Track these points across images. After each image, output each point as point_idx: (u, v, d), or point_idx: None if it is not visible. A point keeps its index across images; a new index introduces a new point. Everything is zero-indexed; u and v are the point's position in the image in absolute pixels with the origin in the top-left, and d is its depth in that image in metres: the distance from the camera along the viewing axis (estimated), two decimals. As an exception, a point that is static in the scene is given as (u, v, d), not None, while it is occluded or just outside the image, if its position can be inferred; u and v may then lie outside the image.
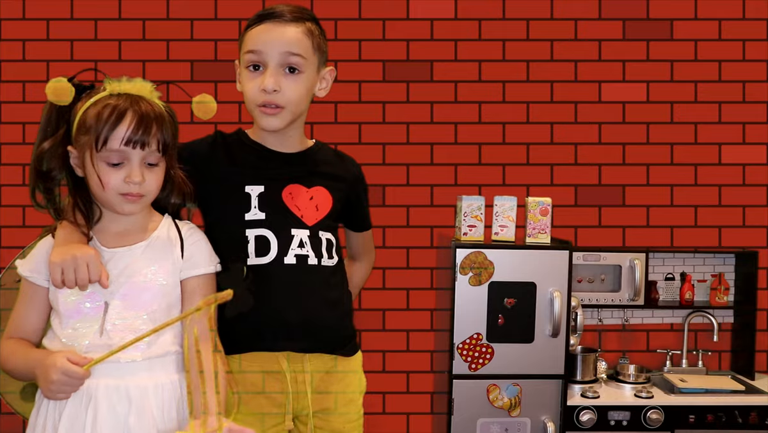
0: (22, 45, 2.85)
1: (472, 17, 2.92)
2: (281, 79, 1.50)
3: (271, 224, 1.53)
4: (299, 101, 1.53)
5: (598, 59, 2.94)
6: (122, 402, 1.35)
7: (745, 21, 2.94)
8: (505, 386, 2.54)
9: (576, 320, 2.68)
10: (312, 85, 1.56)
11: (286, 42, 1.50)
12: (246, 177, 1.56)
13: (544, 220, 2.57)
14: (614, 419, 2.59)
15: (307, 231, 1.55)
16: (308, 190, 1.58)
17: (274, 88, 1.49)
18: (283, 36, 1.50)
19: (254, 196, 1.54)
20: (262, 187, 1.55)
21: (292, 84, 1.51)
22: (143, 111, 1.37)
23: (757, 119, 2.96)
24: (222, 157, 1.60)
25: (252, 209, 1.54)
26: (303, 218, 1.55)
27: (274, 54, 1.50)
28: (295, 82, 1.51)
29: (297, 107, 1.54)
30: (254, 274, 1.50)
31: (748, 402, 2.64)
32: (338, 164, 1.68)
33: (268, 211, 1.54)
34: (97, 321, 1.36)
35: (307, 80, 1.54)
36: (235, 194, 1.54)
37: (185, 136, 3.09)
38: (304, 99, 1.55)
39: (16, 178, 2.86)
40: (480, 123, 2.93)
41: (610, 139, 2.95)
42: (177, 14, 2.87)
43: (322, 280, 1.56)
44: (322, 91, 1.61)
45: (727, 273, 2.96)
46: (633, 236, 2.96)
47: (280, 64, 1.50)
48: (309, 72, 1.53)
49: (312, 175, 1.60)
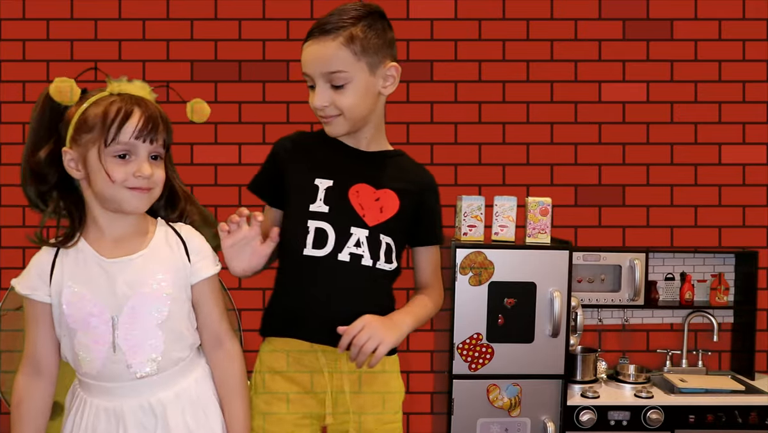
0: (22, 45, 2.85)
1: (472, 17, 2.92)
2: (329, 95, 1.52)
3: (332, 218, 1.54)
4: (354, 108, 1.53)
5: (598, 59, 2.94)
6: (148, 418, 1.37)
7: (745, 21, 2.94)
8: (505, 386, 2.54)
9: (576, 320, 2.68)
10: (368, 88, 1.54)
11: (322, 62, 1.50)
12: (318, 170, 1.58)
13: (544, 220, 2.57)
14: (614, 419, 2.59)
15: (367, 231, 1.55)
16: (375, 192, 1.58)
17: (323, 104, 1.51)
18: (319, 55, 1.50)
19: (322, 189, 1.56)
20: (332, 181, 1.57)
21: (340, 97, 1.52)
22: (150, 109, 1.38)
23: (757, 119, 2.96)
24: (301, 152, 1.63)
25: (317, 201, 1.56)
26: (365, 218, 1.56)
27: (317, 74, 1.51)
28: (344, 95, 1.51)
29: (354, 113, 1.53)
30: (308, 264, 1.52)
31: (748, 402, 2.64)
32: (413, 171, 1.66)
33: (332, 206, 1.55)
34: (107, 337, 1.36)
35: (358, 88, 1.52)
36: (305, 186, 1.57)
37: (186, 137, 3.10)
38: (361, 104, 1.54)
39: (16, 179, 2.84)
40: (480, 123, 2.93)
41: (610, 139, 2.95)
42: (177, 14, 2.87)
43: (373, 281, 1.56)
44: (387, 88, 1.57)
45: (727, 273, 2.96)
46: (633, 236, 2.96)
47: (326, 82, 1.51)
48: (358, 79, 1.52)
49: (384, 177, 1.60)
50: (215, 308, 1.48)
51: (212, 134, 2.89)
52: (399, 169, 1.63)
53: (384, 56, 1.55)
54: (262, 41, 2.88)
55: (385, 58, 1.55)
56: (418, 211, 1.63)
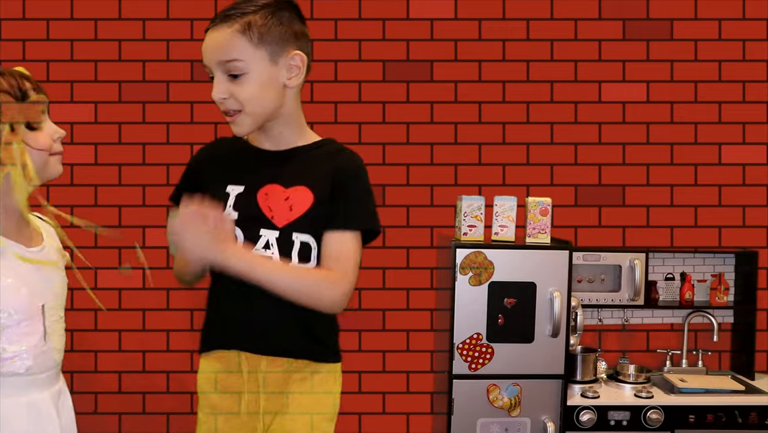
0: (22, 45, 2.85)
1: (472, 17, 2.92)
2: (227, 86, 1.46)
3: (241, 223, 1.51)
4: (253, 100, 1.46)
5: (598, 59, 2.94)
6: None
7: (745, 21, 2.94)
8: (505, 386, 2.54)
9: (576, 320, 2.68)
10: (268, 79, 1.47)
11: (216, 49, 1.46)
12: (230, 177, 1.56)
13: (544, 220, 2.57)
14: (614, 419, 2.59)
15: (277, 232, 1.50)
16: (285, 191, 1.53)
17: (221, 96, 1.46)
18: (212, 43, 1.46)
19: (233, 195, 1.54)
20: (242, 187, 1.54)
21: (238, 89, 1.45)
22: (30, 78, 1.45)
23: (757, 119, 2.96)
24: (216, 160, 1.61)
25: (227, 208, 1.53)
26: (273, 219, 1.51)
27: (213, 64, 1.47)
28: (242, 86, 1.45)
29: (256, 107, 1.47)
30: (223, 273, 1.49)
31: (748, 402, 2.63)
32: (331, 159, 1.56)
33: (241, 211, 1.52)
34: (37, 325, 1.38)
35: (256, 78, 1.46)
36: (218, 194, 1.54)
37: (186, 137, 3.10)
38: (261, 96, 1.47)
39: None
40: (480, 123, 2.93)
41: (610, 139, 2.95)
42: (177, 14, 2.87)
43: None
44: (292, 80, 1.50)
45: (727, 273, 2.96)
46: (633, 236, 2.96)
47: (223, 72, 1.46)
48: (256, 70, 1.45)
49: (295, 174, 1.53)
50: None
51: (212, 134, 2.89)
52: (315, 161, 1.55)
53: (287, 46, 1.48)
54: (262, 41, 2.88)
55: (289, 47, 1.48)
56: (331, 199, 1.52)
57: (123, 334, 2.88)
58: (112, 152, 2.87)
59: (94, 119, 2.87)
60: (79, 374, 2.88)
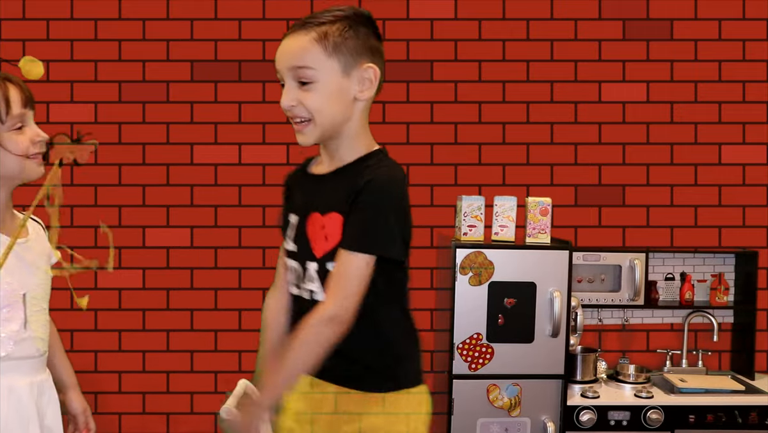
0: (23, 45, 2.85)
1: (472, 17, 2.92)
2: (296, 94, 1.42)
3: (296, 255, 1.49)
4: (322, 110, 1.42)
5: (598, 59, 2.94)
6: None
7: (745, 21, 2.94)
8: (505, 386, 2.54)
9: (576, 320, 2.68)
10: (337, 91, 1.43)
11: (289, 55, 1.43)
12: (292, 206, 1.54)
13: (544, 220, 2.57)
14: (614, 419, 2.59)
15: (316, 264, 1.45)
16: (322, 218, 1.45)
17: (290, 103, 1.42)
18: (286, 49, 1.44)
19: (292, 225, 1.51)
20: (297, 216, 1.50)
21: (306, 96, 1.41)
22: (14, 78, 1.49)
23: (757, 119, 2.96)
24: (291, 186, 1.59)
25: (287, 240, 1.52)
26: (314, 250, 1.45)
27: (284, 70, 1.44)
28: (311, 94, 1.41)
29: (324, 117, 1.42)
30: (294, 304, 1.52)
31: (748, 402, 2.64)
32: (357, 177, 1.42)
33: (297, 242, 1.49)
34: (18, 312, 1.41)
35: (326, 88, 1.42)
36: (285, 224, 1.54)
37: (186, 137, 3.08)
38: (330, 107, 1.42)
39: (16, 178, 2.86)
40: (480, 123, 2.93)
41: (610, 139, 2.95)
42: (177, 14, 2.87)
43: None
44: (363, 93, 1.45)
45: (727, 273, 2.96)
46: (633, 236, 2.96)
47: (293, 79, 1.43)
48: (327, 80, 1.42)
49: (333, 199, 1.44)
50: None
51: (212, 134, 2.89)
52: (347, 181, 1.44)
53: (361, 59, 1.45)
54: (262, 41, 2.88)
55: (363, 60, 1.45)
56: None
57: (123, 334, 2.88)
58: (112, 152, 2.87)
59: (94, 119, 2.87)
60: (79, 374, 2.87)
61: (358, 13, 1.47)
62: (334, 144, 1.48)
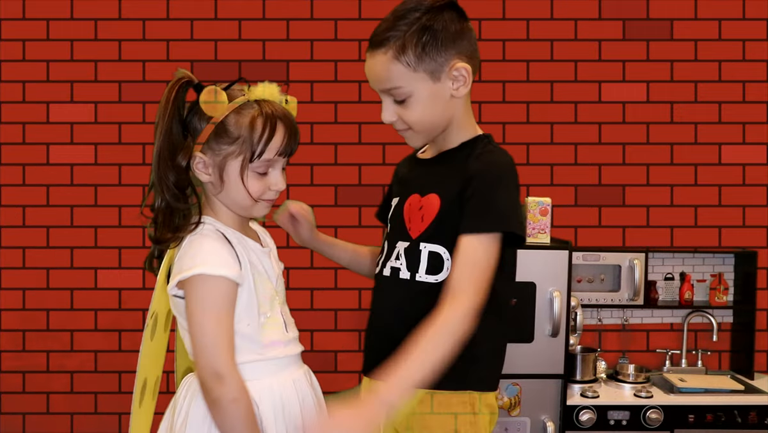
0: (22, 45, 2.85)
1: (472, 17, 2.89)
2: (395, 109, 1.42)
3: (389, 235, 1.50)
4: (422, 121, 1.41)
5: (598, 59, 2.94)
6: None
7: (745, 21, 2.94)
8: (504, 385, 2.54)
9: (576, 319, 2.68)
10: (433, 97, 1.39)
11: (377, 79, 1.40)
12: (395, 190, 1.57)
13: (543, 220, 2.57)
14: (614, 419, 2.59)
15: (408, 243, 1.44)
16: (420, 200, 1.46)
17: (390, 120, 1.42)
18: (371, 72, 1.41)
19: (393, 208, 1.53)
20: (397, 199, 1.53)
21: (404, 111, 1.41)
22: (291, 122, 1.37)
23: (757, 119, 2.96)
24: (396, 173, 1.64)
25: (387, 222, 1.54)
26: (410, 230, 1.45)
27: (378, 91, 1.43)
28: (408, 109, 1.40)
29: (424, 125, 1.42)
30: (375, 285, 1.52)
31: (748, 402, 2.64)
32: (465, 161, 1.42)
33: (392, 224, 1.52)
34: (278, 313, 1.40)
35: (421, 100, 1.39)
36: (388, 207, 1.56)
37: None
38: (429, 114, 1.41)
39: (16, 178, 2.86)
40: (480, 123, 2.92)
41: (610, 139, 2.95)
42: (177, 14, 2.87)
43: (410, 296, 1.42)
44: (459, 90, 1.41)
45: (727, 273, 2.96)
46: (633, 236, 2.96)
47: (387, 96, 1.41)
48: (419, 90, 1.38)
49: (433, 181, 1.45)
50: None
51: (212, 134, 2.89)
52: (452, 164, 1.44)
53: (448, 57, 1.38)
54: (262, 41, 2.88)
55: (450, 58, 1.38)
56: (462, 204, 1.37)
57: (122, 334, 2.88)
58: (112, 152, 2.87)
59: (94, 119, 2.87)
60: (79, 374, 2.89)
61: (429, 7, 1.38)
62: (441, 136, 1.47)
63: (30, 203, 2.86)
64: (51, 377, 2.88)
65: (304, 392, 1.41)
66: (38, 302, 2.86)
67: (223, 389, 1.27)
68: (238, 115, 1.32)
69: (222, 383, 1.27)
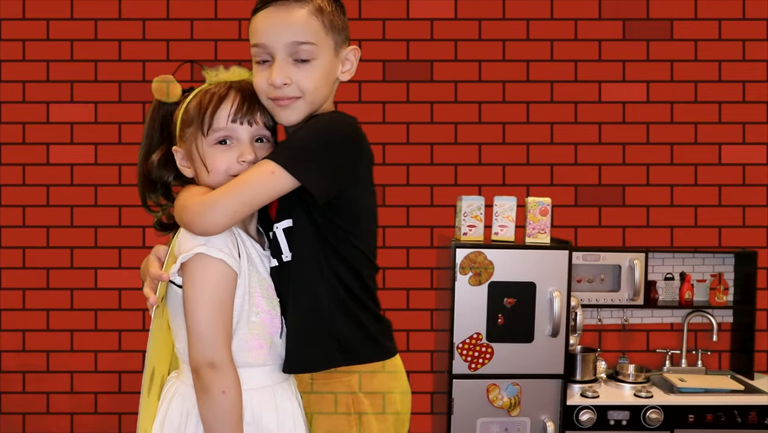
0: (22, 45, 2.85)
1: (472, 17, 2.92)
2: (291, 71, 1.32)
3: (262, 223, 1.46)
4: (316, 90, 1.35)
5: (598, 59, 2.94)
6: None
7: (745, 21, 2.94)
8: (504, 385, 2.54)
9: (575, 319, 2.68)
10: (330, 69, 1.37)
11: (290, 30, 1.31)
12: None
13: (543, 220, 2.57)
14: (614, 419, 2.60)
15: (272, 227, 1.40)
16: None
17: (284, 82, 1.31)
18: (286, 23, 1.31)
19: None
20: None
21: (303, 74, 1.33)
22: (245, 89, 1.35)
23: (757, 119, 2.96)
24: None
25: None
26: (272, 214, 1.42)
27: (279, 45, 1.32)
28: (307, 72, 1.33)
29: (315, 96, 1.35)
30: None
31: (748, 402, 2.64)
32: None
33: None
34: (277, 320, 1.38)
35: (322, 67, 1.35)
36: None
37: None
38: (322, 87, 1.36)
39: (16, 179, 2.86)
40: (480, 123, 2.93)
41: (610, 139, 2.95)
42: (177, 14, 2.87)
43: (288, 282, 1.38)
44: (345, 74, 1.40)
45: (727, 273, 2.96)
46: (633, 236, 2.96)
47: (288, 55, 1.32)
48: (323, 57, 1.35)
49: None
50: None
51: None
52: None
53: (345, 39, 1.40)
54: (262, 41, 2.87)
55: (347, 40, 1.41)
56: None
57: (123, 334, 2.88)
58: (112, 152, 2.87)
59: (94, 119, 2.87)
60: (79, 374, 2.89)
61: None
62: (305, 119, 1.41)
63: (30, 203, 2.86)
64: (51, 377, 2.88)
65: (283, 403, 1.37)
66: (38, 302, 2.86)
67: (215, 379, 1.25)
68: (194, 99, 1.36)
69: (215, 372, 1.25)
